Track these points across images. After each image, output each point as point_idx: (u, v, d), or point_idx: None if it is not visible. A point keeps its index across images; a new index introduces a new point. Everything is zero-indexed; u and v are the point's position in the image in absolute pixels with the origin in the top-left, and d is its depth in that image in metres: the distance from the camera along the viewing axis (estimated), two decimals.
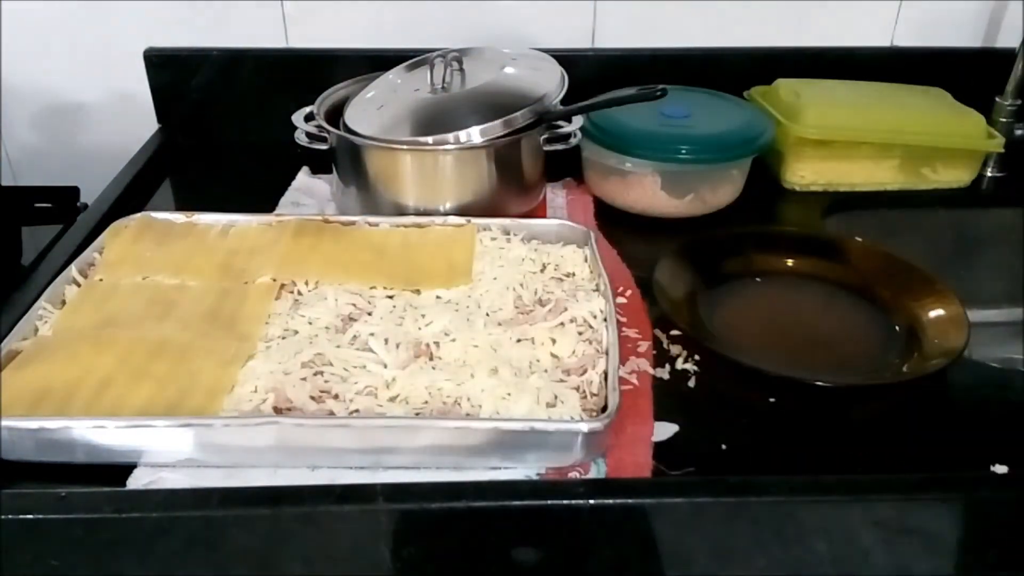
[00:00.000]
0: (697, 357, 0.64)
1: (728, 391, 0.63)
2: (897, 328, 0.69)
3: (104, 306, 0.65)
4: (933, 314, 0.68)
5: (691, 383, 0.63)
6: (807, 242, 0.78)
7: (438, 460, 0.54)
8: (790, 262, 0.77)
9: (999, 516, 0.53)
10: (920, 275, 0.71)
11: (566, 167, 0.92)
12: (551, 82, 0.82)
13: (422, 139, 0.77)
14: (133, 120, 1.02)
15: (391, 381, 0.57)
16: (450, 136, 0.76)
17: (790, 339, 0.68)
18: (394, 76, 0.88)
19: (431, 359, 0.60)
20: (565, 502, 0.50)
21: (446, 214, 0.77)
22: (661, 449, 0.56)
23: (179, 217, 0.76)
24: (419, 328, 0.63)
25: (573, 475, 0.54)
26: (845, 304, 0.72)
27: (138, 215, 0.76)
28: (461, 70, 0.83)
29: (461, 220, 0.75)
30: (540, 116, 0.79)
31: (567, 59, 0.86)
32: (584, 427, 0.52)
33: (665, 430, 0.58)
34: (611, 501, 0.51)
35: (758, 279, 0.75)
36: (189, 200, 0.95)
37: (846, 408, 0.62)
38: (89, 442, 0.52)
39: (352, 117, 0.82)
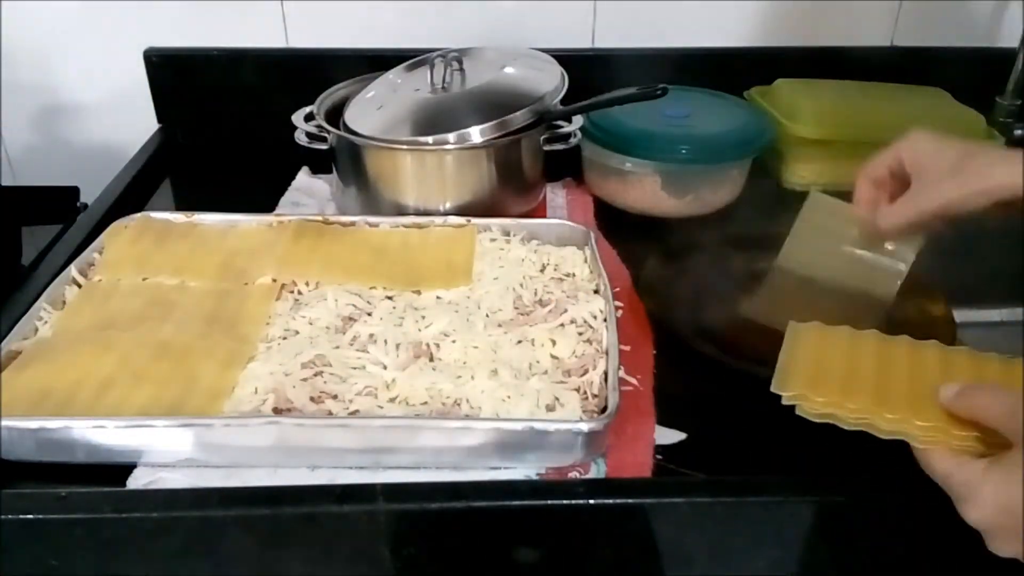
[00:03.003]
0: (687, 359, 0.64)
1: (719, 392, 0.63)
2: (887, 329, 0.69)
3: (104, 307, 0.65)
4: (921, 314, 0.69)
5: (684, 384, 0.63)
6: None
7: (438, 460, 0.54)
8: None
9: None
10: (910, 277, 0.71)
11: (566, 167, 0.92)
12: (551, 82, 0.82)
13: (422, 139, 0.77)
14: (133, 120, 1.02)
15: (391, 382, 0.57)
16: (450, 136, 0.76)
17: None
18: (394, 76, 0.88)
19: (431, 360, 0.60)
20: (565, 502, 0.50)
21: (446, 214, 0.77)
22: (658, 451, 0.56)
23: (179, 217, 0.76)
24: (419, 329, 0.62)
25: (573, 475, 0.54)
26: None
27: (138, 215, 0.76)
28: (461, 70, 0.83)
29: (461, 220, 0.75)
30: (540, 116, 0.79)
31: (567, 59, 0.86)
32: (584, 427, 0.52)
33: (669, 436, 0.58)
34: (611, 501, 0.51)
35: (751, 279, 0.75)
36: (189, 200, 0.95)
37: None
38: (89, 442, 0.52)
39: (352, 117, 0.82)
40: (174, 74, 1.00)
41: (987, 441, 0.45)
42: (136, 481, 0.53)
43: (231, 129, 1.03)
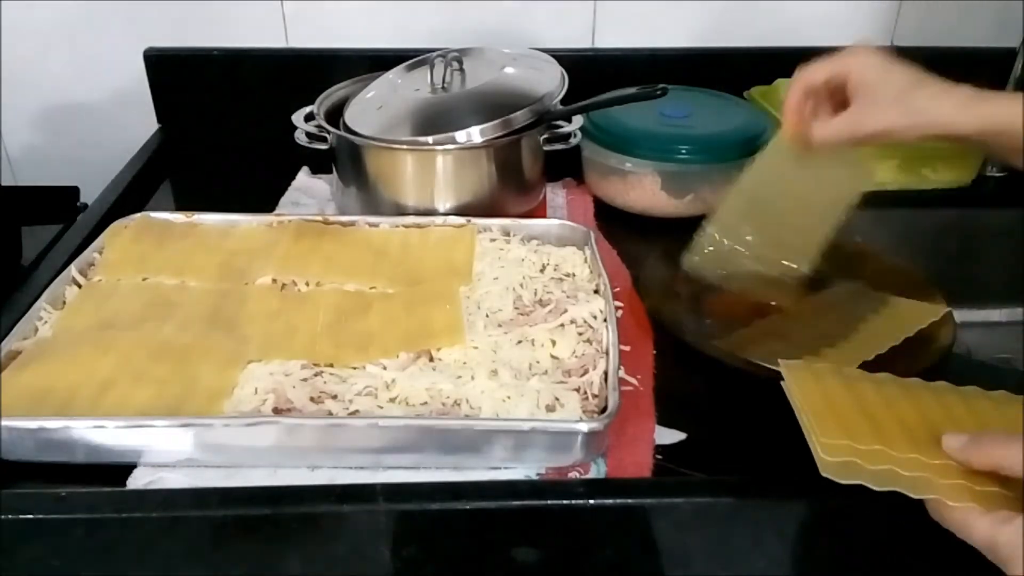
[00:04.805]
0: (688, 359, 0.64)
1: (719, 392, 0.63)
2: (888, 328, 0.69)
3: (104, 307, 0.65)
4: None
5: (684, 384, 0.63)
6: None
7: (438, 460, 0.54)
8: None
9: None
10: (910, 277, 0.71)
11: (566, 167, 0.92)
12: (551, 82, 0.82)
13: (422, 139, 0.77)
14: (133, 120, 1.02)
15: (391, 382, 0.57)
16: (450, 136, 0.76)
17: (784, 339, 0.68)
18: (394, 76, 0.88)
19: (431, 360, 0.60)
20: (565, 502, 0.50)
21: (446, 214, 0.77)
22: (658, 451, 0.56)
23: (179, 217, 0.76)
24: None
25: (573, 475, 0.54)
26: (841, 304, 0.72)
27: (138, 215, 0.76)
28: (461, 70, 0.83)
29: (461, 220, 0.75)
30: (540, 116, 0.79)
31: (567, 59, 0.86)
32: (584, 427, 0.52)
33: (669, 436, 0.58)
34: (611, 501, 0.51)
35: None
36: (189, 200, 0.95)
37: None
38: (89, 442, 0.52)
39: (352, 117, 0.82)
40: (174, 74, 1.00)
41: (1008, 488, 0.44)
42: (136, 481, 0.53)
43: (231, 129, 1.03)
